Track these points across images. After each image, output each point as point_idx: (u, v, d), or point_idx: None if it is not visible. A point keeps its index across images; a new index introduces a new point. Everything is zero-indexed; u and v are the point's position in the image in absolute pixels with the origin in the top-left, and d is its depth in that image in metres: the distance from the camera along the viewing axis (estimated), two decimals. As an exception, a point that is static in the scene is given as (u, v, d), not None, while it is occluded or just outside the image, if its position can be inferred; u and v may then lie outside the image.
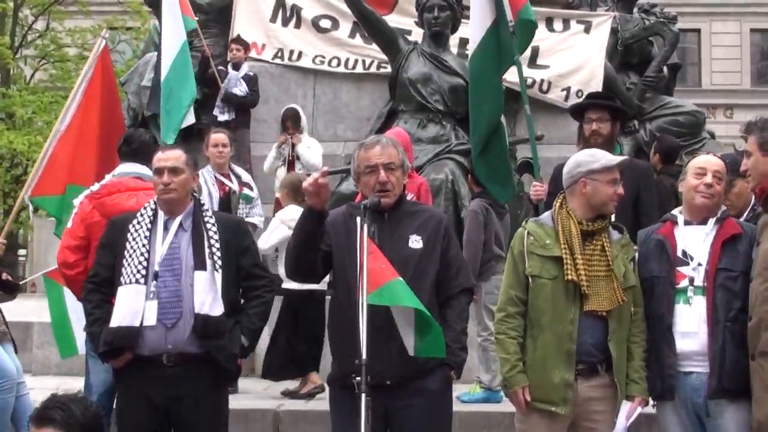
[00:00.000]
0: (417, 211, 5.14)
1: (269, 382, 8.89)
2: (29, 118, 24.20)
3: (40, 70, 28.33)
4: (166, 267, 5.25)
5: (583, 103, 7.80)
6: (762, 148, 4.86)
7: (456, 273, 5.04)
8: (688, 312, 4.96)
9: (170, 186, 5.33)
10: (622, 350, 5.02)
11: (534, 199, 7.63)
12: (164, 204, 5.38)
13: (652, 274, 5.11)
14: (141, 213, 5.40)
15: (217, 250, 5.27)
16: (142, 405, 5.25)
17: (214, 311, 5.19)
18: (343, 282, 4.96)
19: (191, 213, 5.41)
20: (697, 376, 4.94)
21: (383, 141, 5.12)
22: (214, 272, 5.23)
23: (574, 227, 5.05)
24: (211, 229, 5.33)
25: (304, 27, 12.57)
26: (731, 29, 37.94)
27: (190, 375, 5.21)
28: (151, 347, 5.19)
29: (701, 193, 5.06)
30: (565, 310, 4.96)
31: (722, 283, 4.92)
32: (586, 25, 12.70)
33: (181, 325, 5.19)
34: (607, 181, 5.09)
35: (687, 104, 13.65)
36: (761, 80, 38.47)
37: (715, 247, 4.99)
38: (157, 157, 5.47)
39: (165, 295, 5.20)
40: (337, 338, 5.09)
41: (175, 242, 5.31)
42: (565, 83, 12.32)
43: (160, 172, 5.36)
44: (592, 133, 7.07)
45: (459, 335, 4.99)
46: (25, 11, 27.35)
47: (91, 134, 8.35)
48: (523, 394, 5.00)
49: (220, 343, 5.24)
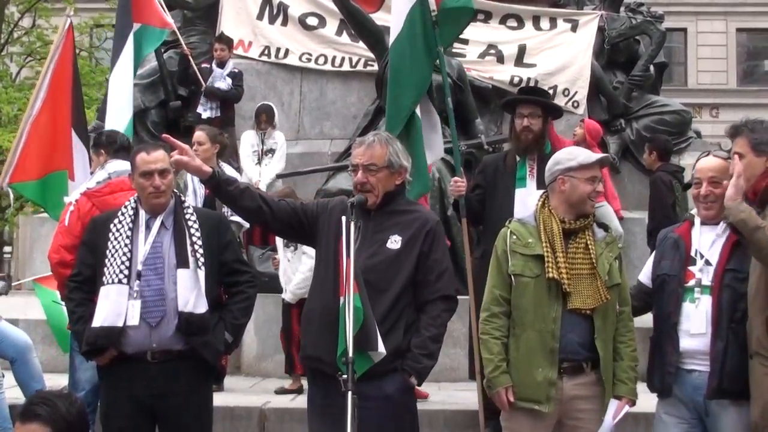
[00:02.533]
0: (405, 211, 5.09)
1: (255, 380, 8.90)
2: (15, 116, 24.08)
3: (26, 67, 28.26)
4: (149, 266, 5.22)
5: (514, 98, 7.68)
6: (755, 148, 4.86)
7: (436, 278, 4.96)
8: (695, 312, 4.97)
9: (161, 189, 5.30)
10: (608, 348, 5.02)
11: (454, 195, 7.47)
12: (152, 207, 5.35)
13: (663, 271, 5.12)
14: (122, 212, 5.36)
15: (199, 248, 5.25)
16: (126, 402, 5.22)
17: (198, 308, 5.17)
18: (322, 272, 4.98)
19: (172, 211, 5.38)
20: (699, 374, 4.95)
21: (369, 140, 5.08)
22: (197, 269, 5.21)
23: (555, 225, 5.04)
24: (193, 226, 5.30)
25: (290, 24, 12.55)
26: (717, 29, 38.05)
27: (175, 372, 5.20)
28: (135, 345, 5.17)
29: (702, 204, 5.10)
30: (548, 308, 4.95)
31: (729, 284, 4.93)
32: (573, 24, 12.73)
33: (165, 323, 5.17)
34: (585, 178, 5.07)
35: (673, 103, 13.70)
36: (747, 80, 38.58)
37: (725, 247, 5.00)
38: (142, 158, 5.37)
39: (148, 294, 5.18)
40: (306, 326, 5.09)
41: (158, 241, 5.29)
42: (552, 82, 12.32)
43: (149, 174, 5.30)
44: (524, 129, 7.02)
45: (426, 341, 4.90)
46: (11, 8, 27.21)
47: (63, 118, 8.29)
48: (506, 394, 5.00)
49: (205, 339, 5.23)
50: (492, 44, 12.46)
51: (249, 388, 8.76)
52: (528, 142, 7.01)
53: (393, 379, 4.87)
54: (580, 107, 12.39)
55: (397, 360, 4.85)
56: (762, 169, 4.85)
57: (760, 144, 4.86)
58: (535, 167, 6.97)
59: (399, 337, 4.87)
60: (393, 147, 5.08)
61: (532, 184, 6.94)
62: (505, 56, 12.42)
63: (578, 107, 12.38)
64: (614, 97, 12.95)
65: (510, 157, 7.21)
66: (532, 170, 6.99)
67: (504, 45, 12.47)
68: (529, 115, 7.02)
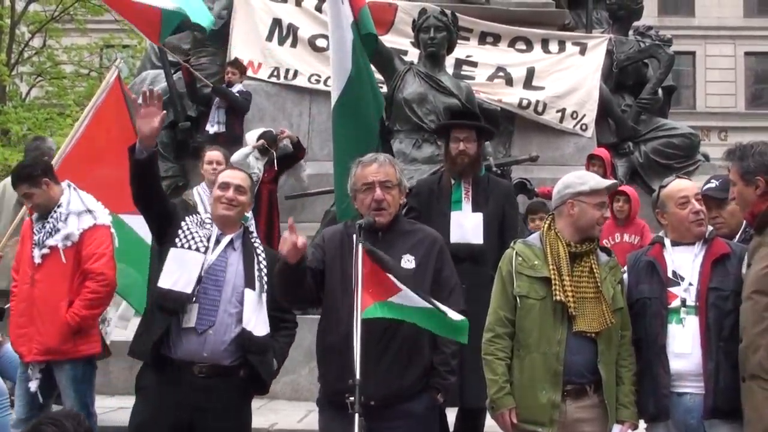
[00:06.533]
0: (412, 231, 5.12)
1: (263, 401, 8.86)
2: (24, 135, 24.18)
3: (36, 87, 28.39)
4: (211, 275, 5.29)
5: (449, 122, 7.66)
6: (744, 178, 4.88)
7: (448, 294, 4.98)
8: (681, 332, 4.96)
9: (233, 202, 5.42)
10: (611, 372, 5.01)
11: None
12: (220, 218, 5.45)
13: (643, 295, 5.11)
14: (201, 216, 5.50)
15: (264, 274, 5.36)
16: (166, 413, 5.20)
17: (258, 330, 5.26)
18: (335, 301, 4.94)
19: (241, 235, 5.50)
20: (690, 397, 4.93)
21: (380, 159, 5.12)
22: (262, 293, 5.31)
23: (562, 249, 5.05)
24: (261, 254, 5.43)
25: (300, 46, 12.60)
26: (726, 52, 38.15)
27: (219, 388, 5.24)
28: (186, 352, 5.21)
29: (695, 223, 5.10)
30: (553, 330, 4.95)
31: (714, 303, 4.93)
32: (581, 47, 12.76)
33: (217, 336, 5.21)
34: (594, 204, 5.08)
35: (681, 126, 13.71)
36: (755, 103, 38.64)
37: (705, 267, 5.01)
38: (225, 173, 5.57)
39: (204, 301, 5.23)
40: (326, 358, 5.04)
41: (223, 256, 5.36)
42: (561, 105, 12.37)
43: (226, 186, 5.45)
44: (460, 153, 7.01)
45: (448, 358, 4.97)
46: (22, 28, 27.38)
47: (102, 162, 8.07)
48: (510, 416, 4.98)
49: (263, 358, 5.33)
50: (501, 67, 12.50)
51: (256, 409, 8.70)
52: (464, 165, 7.02)
53: (420, 398, 4.92)
54: (588, 130, 12.41)
55: (423, 379, 4.91)
56: (753, 198, 4.86)
57: (748, 173, 4.87)
58: (470, 190, 7.00)
59: (424, 357, 4.91)
60: (398, 166, 5.16)
61: (467, 206, 6.95)
62: (513, 79, 12.46)
63: (586, 130, 12.41)
64: (622, 120, 12.97)
65: (445, 180, 7.19)
66: (468, 193, 7.00)
67: (513, 68, 12.51)
68: (464, 139, 7.04)
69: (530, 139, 12.31)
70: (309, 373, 8.77)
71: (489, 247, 6.70)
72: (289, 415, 8.44)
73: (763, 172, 4.84)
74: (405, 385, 4.80)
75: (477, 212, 6.91)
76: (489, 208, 6.93)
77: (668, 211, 5.20)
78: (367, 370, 4.48)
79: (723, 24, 37.73)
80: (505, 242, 6.58)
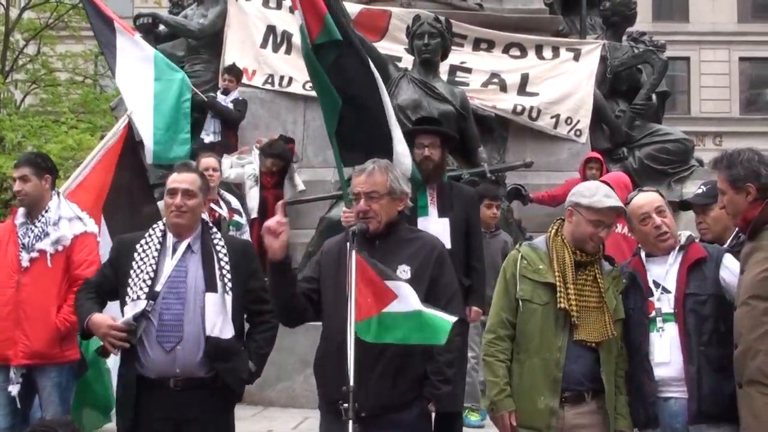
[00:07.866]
0: (411, 239, 5.08)
1: (258, 409, 8.86)
2: (19, 143, 24.16)
3: (30, 94, 28.36)
4: (171, 289, 5.19)
5: (413, 128, 7.71)
6: (734, 185, 4.88)
7: (446, 303, 4.92)
8: (659, 340, 4.97)
9: (182, 209, 5.30)
10: (612, 382, 5.01)
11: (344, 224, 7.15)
12: (173, 226, 5.35)
13: (627, 306, 5.12)
14: (150, 234, 5.36)
15: (227, 272, 5.24)
16: (146, 428, 5.16)
17: (224, 333, 5.15)
18: (330, 309, 4.93)
19: (200, 235, 5.37)
20: (675, 401, 4.93)
21: (370, 168, 5.07)
22: (225, 294, 5.19)
23: (568, 256, 5.04)
24: (221, 251, 5.30)
25: (294, 53, 12.54)
26: (720, 57, 38.22)
27: (198, 400, 5.16)
28: (157, 370, 5.13)
29: (660, 239, 5.12)
30: (554, 337, 4.95)
31: (692, 308, 4.93)
32: (575, 53, 12.77)
33: (188, 349, 5.12)
34: (589, 219, 5.04)
35: (676, 132, 13.72)
36: (750, 108, 38.71)
37: (681, 273, 5.02)
38: (172, 177, 5.43)
39: (167, 317, 5.15)
40: (322, 365, 5.03)
41: (182, 265, 5.26)
42: (555, 110, 12.38)
43: (173, 193, 5.33)
44: (424, 159, 7.10)
45: (441, 367, 4.91)
46: (16, 36, 27.37)
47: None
48: (510, 418, 4.97)
49: (230, 365, 5.20)
50: (495, 73, 12.51)
51: (251, 417, 8.73)
52: (429, 171, 7.10)
53: (412, 407, 4.89)
54: (583, 136, 12.42)
55: (416, 389, 4.87)
56: (744, 205, 4.86)
57: (738, 180, 4.87)
58: (435, 195, 7.09)
59: (416, 366, 4.88)
60: (393, 173, 5.09)
61: (434, 211, 7.03)
62: (508, 85, 12.47)
63: (581, 136, 12.41)
64: (616, 126, 12.98)
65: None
66: (433, 198, 7.09)
67: (507, 74, 12.51)
68: (429, 145, 7.14)
69: (525, 145, 12.31)
70: (304, 381, 8.76)
71: (456, 251, 6.69)
72: (284, 422, 8.43)
73: (753, 179, 4.85)
74: (397, 394, 4.77)
75: (443, 218, 6.97)
76: (455, 213, 7.02)
77: (634, 227, 5.25)
78: (360, 379, 4.46)
79: (717, 29, 37.81)
80: (470, 247, 6.90)
